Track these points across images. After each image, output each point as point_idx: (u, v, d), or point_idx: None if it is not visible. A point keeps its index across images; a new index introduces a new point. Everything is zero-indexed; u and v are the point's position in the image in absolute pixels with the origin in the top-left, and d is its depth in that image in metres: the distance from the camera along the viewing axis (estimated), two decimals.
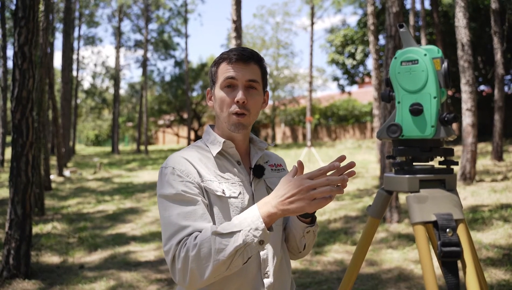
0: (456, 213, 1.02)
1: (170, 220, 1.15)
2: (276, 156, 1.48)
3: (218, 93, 1.29)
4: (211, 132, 1.35)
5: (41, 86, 8.26)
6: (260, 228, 1.05)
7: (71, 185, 12.18)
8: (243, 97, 1.24)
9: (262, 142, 1.39)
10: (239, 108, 1.25)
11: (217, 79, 1.30)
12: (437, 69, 1.05)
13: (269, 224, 1.07)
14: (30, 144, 4.35)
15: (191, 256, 1.07)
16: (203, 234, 1.09)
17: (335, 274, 4.27)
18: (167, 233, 1.14)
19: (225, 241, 1.05)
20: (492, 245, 4.84)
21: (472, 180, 8.69)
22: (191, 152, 1.29)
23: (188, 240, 1.10)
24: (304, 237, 1.32)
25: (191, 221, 1.13)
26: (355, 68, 22.95)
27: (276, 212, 1.06)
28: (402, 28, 1.09)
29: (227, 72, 1.27)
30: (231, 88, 1.27)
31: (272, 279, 1.26)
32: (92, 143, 41.64)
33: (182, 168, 1.21)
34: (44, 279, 4.32)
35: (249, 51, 1.29)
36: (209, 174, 1.25)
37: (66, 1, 20.00)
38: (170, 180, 1.19)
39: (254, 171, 1.32)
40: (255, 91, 1.29)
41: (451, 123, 1.04)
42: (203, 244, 1.07)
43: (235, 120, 1.26)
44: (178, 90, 31.15)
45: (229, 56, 1.27)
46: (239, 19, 7.95)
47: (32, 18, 4.36)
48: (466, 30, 8.86)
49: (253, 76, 1.28)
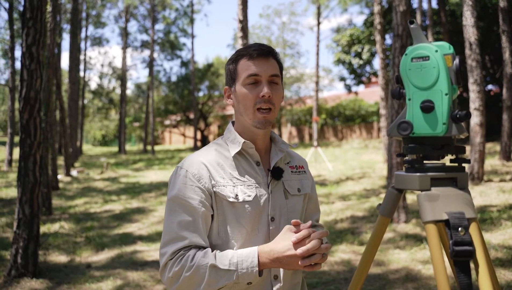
0: (468, 212, 1.01)
1: (171, 226, 1.20)
2: (299, 157, 1.45)
3: (240, 90, 1.27)
4: (232, 130, 1.34)
5: (48, 86, 8.31)
6: (253, 274, 1.13)
7: (78, 185, 12.24)
8: (269, 92, 1.24)
9: (284, 143, 1.36)
10: (265, 103, 1.24)
11: (237, 76, 1.28)
12: (448, 66, 1.04)
13: (263, 268, 1.15)
14: (37, 144, 4.37)
15: (184, 276, 1.15)
16: (201, 259, 1.15)
17: (342, 274, 4.25)
18: (165, 238, 1.20)
19: (219, 276, 1.13)
20: (501, 245, 4.79)
21: (480, 180, 8.62)
22: (209, 153, 1.29)
23: (185, 256, 1.16)
24: None
25: (190, 233, 1.18)
26: (362, 67, 22.85)
27: (271, 264, 1.14)
28: (413, 24, 1.08)
29: (249, 68, 1.25)
30: (254, 84, 1.26)
31: (282, 283, 1.26)
32: (99, 143, 41.83)
33: (195, 172, 1.23)
34: (51, 278, 4.34)
35: (267, 46, 1.29)
36: (224, 177, 1.25)
37: (73, 2, 20.13)
38: (181, 182, 1.23)
39: (272, 173, 1.30)
40: (277, 86, 1.29)
41: (463, 121, 1.03)
42: (199, 270, 1.14)
43: (261, 117, 1.25)
44: (184, 90, 31.20)
45: (249, 52, 1.26)
46: (245, 19, 7.95)
47: (39, 19, 4.38)
48: (474, 29, 8.79)
49: (275, 71, 1.28)
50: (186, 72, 31.78)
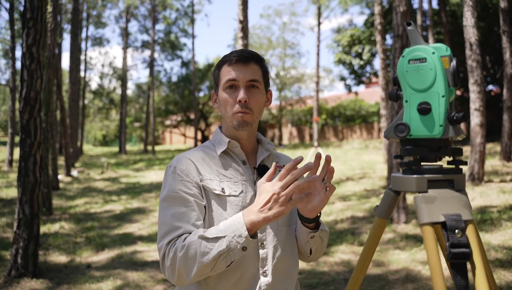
0: (465, 214, 1.01)
1: (165, 219, 1.22)
2: (286, 158, 1.49)
3: (221, 95, 1.32)
4: (218, 132, 1.39)
5: (49, 86, 8.32)
6: (244, 235, 1.11)
7: (79, 185, 12.25)
8: (244, 96, 1.28)
9: (270, 143, 1.41)
10: (242, 108, 1.28)
11: (219, 81, 1.34)
12: (445, 68, 1.04)
13: (252, 231, 1.13)
14: (38, 144, 4.38)
15: (178, 257, 1.15)
16: (191, 236, 1.16)
17: (342, 275, 4.25)
18: (161, 232, 1.21)
19: (210, 245, 1.12)
20: (501, 246, 4.79)
21: (481, 181, 8.61)
22: (196, 152, 1.35)
23: (177, 241, 1.17)
24: (308, 242, 1.32)
25: (184, 223, 1.20)
26: (362, 68, 22.85)
27: (258, 221, 1.11)
28: (410, 26, 1.08)
29: (228, 74, 1.30)
30: (233, 88, 1.30)
31: (270, 278, 1.27)
32: (100, 143, 41.86)
33: (183, 168, 1.27)
34: (51, 278, 4.34)
35: (248, 52, 1.33)
36: (210, 173, 1.29)
37: (74, 2, 20.16)
38: (170, 179, 1.27)
39: (258, 170, 1.34)
40: (257, 90, 1.32)
41: (460, 122, 1.03)
42: (190, 246, 1.14)
43: (239, 117, 1.29)
44: (185, 90, 31.22)
45: (230, 58, 1.31)
46: (245, 19, 7.95)
47: (40, 19, 4.38)
48: (474, 29, 8.78)
49: (254, 76, 1.31)
50: (186, 72, 31.81)
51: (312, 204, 1.23)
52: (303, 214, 1.26)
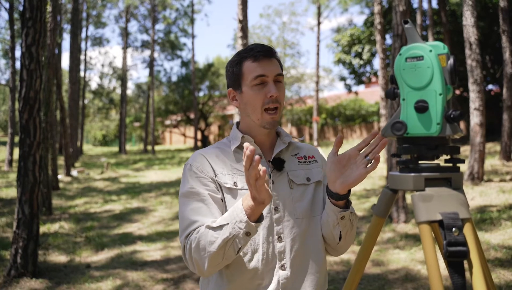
0: (463, 212, 1.01)
1: (184, 215, 1.26)
2: (308, 148, 1.47)
3: (248, 92, 1.31)
4: (234, 128, 1.41)
5: (48, 86, 8.31)
6: (244, 220, 1.12)
7: (79, 185, 12.24)
8: (276, 92, 1.29)
9: (287, 135, 1.42)
10: (273, 102, 1.29)
11: (243, 79, 1.32)
12: (442, 66, 1.04)
13: (252, 216, 1.13)
14: (37, 144, 4.37)
15: (193, 248, 1.19)
16: (202, 228, 1.19)
17: (341, 274, 4.25)
18: (181, 227, 1.26)
19: (216, 234, 1.15)
20: (501, 245, 4.78)
21: (480, 180, 8.61)
22: (211, 149, 1.38)
23: (193, 234, 1.21)
24: (338, 225, 1.26)
25: (201, 216, 1.23)
26: (362, 67, 22.81)
27: (255, 205, 1.11)
28: (407, 24, 1.08)
29: (255, 70, 1.30)
30: (261, 85, 1.30)
31: (289, 272, 1.26)
32: (100, 143, 41.83)
33: (198, 165, 1.31)
34: (51, 278, 4.34)
35: (268, 46, 1.33)
36: (224, 168, 1.32)
37: (73, 2, 20.15)
38: (188, 176, 1.31)
39: (273, 163, 1.34)
40: (281, 84, 1.34)
41: (457, 121, 1.02)
42: (201, 237, 1.17)
43: (269, 118, 1.31)
44: (185, 90, 31.19)
45: (253, 54, 1.30)
46: (245, 19, 7.95)
47: (39, 19, 4.38)
48: (474, 29, 8.78)
49: (279, 70, 1.33)
50: (186, 72, 31.77)
51: (347, 178, 1.19)
52: (333, 189, 1.21)
